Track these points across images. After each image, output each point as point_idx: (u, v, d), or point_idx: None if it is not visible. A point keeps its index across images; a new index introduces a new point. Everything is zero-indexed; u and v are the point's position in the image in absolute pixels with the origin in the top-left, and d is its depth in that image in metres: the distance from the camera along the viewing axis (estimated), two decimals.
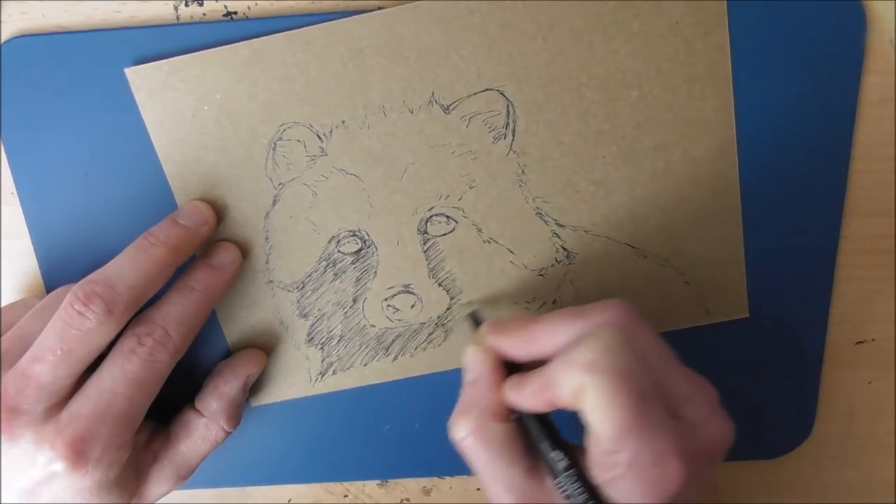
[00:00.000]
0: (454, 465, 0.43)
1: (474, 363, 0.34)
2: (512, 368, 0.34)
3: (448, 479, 0.44)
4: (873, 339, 0.41)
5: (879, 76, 0.37)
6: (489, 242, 0.38)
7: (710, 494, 0.32)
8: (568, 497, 0.30)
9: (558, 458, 0.31)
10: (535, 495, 0.32)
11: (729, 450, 0.32)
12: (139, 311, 0.34)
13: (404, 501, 0.44)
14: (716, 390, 0.32)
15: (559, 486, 0.31)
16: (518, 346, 0.33)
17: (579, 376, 0.29)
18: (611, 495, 0.30)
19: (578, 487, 0.30)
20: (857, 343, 0.41)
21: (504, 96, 0.37)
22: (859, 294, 0.40)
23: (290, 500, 0.44)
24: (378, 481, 0.44)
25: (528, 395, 0.32)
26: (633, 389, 0.29)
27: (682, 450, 0.29)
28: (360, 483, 0.44)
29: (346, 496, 0.44)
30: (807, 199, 0.38)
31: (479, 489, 0.44)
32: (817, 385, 0.41)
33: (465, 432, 0.33)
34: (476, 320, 0.37)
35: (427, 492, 0.44)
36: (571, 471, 0.31)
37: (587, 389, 0.29)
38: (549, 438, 0.32)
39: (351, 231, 0.38)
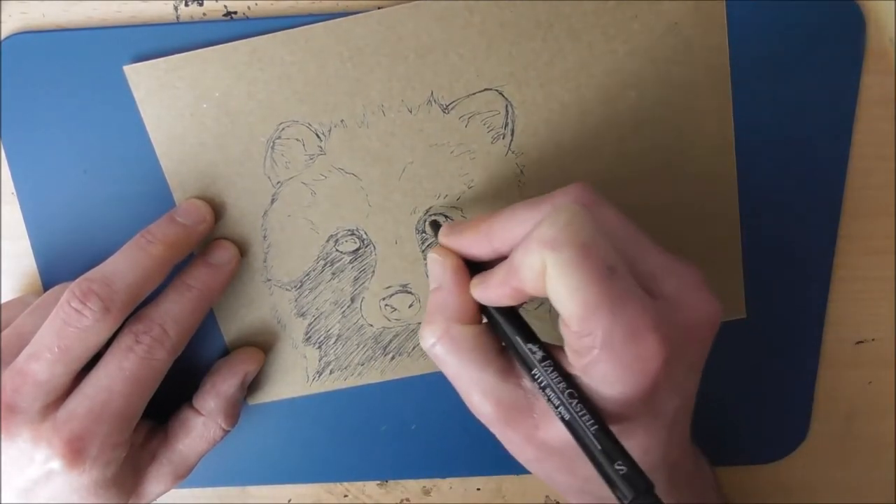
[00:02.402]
0: (452, 466, 0.43)
1: (435, 269, 0.32)
2: (475, 271, 0.32)
3: (448, 478, 0.44)
4: (873, 339, 0.41)
5: (879, 76, 0.37)
6: None
7: (696, 384, 0.31)
8: (545, 388, 0.29)
9: (533, 350, 0.29)
10: (512, 397, 0.31)
11: (716, 333, 0.30)
12: (136, 309, 0.34)
13: (404, 501, 0.44)
14: (700, 270, 0.30)
15: (535, 378, 0.29)
16: (478, 243, 0.31)
17: (540, 255, 0.27)
18: (589, 384, 0.28)
19: (556, 377, 0.29)
20: (857, 343, 0.41)
21: (503, 96, 0.37)
22: (859, 294, 0.40)
23: (290, 501, 0.44)
24: (377, 481, 0.44)
25: (494, 287, 0.30)
26: (599, 263, 0.27)
27: (658, 325, 0.27)
28: (359, 483, 0.44)
29: (346, 496, 0.44)
30: (805, 199, 0.38)
31: (479, 489, 0.44)
32: (813, 388, 0.41)
33: (433, 339, 0.31)
34: (437, 227, 0.35)
35: (427, 492, 0.44)
36: (547, 361, 0.29)
37: (549, 268, 0.27)
38: (521, 333, 0.30)
39: (349, 230, 0.38)
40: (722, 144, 0.37)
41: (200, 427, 0.38)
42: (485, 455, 0.42)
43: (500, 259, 0.31)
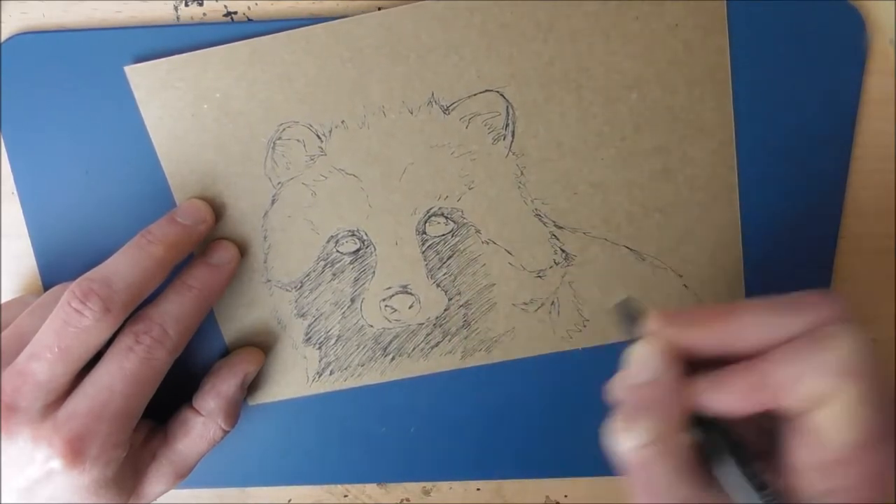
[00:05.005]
0: (451, 469, 0.43)
1: (648, 361, 0.29)
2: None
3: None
4: (873, 339, 0.41)
5: (880, 76, 0.37)
6: (488, 243, 0.38)
7: None
8: None
9: (770, 481, 0.27)
10: None
11: None
12: (137, 309, 0.34)
13: (404, 501, 0.44)
14: None
15: None
16: (708, 340, 0.28)
17: (834, 382, 0.26)
18: (818, 499, 0.27)
19: None
20: None
21: (504, 97, 0.37)
22: (859, 294, 0.40)
23: (289, 501, 0.44)
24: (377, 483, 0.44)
25: (735, 397, 0.27)
26: (883, 397, 0.27)
27: None
28: (359, 483, 0.44)
29: (346, 496, 0.44)
30: (806, 200, 0.38)
31: (479, 489, 0.44)
32: None
33: (644, 441, 0.27)
34: (628, 312, 0.31)
35: (427, 492, 0.44)
36: (781, 496, 0.27)
37: (839, 395, 0.26)
38: (741, 453, 0.27)
39: (349, 231, 0.38)
40: (723, 146, 0.37)
41: (200, 427, 0.38)
42: (484, 458, 0.42)
43: (716, 356, 0.29)
